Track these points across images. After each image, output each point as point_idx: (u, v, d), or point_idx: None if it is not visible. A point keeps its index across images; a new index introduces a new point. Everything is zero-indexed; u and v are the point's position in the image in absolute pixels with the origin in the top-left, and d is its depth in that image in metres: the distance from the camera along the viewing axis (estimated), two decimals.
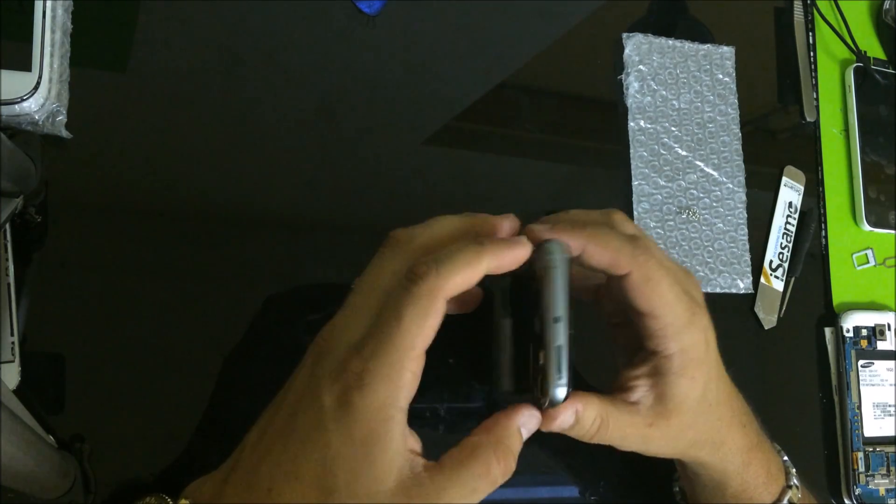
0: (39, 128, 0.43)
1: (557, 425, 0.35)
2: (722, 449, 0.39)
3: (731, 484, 0.41)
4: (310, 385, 0.30)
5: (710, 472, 0.41)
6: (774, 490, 0.42)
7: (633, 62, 0.58)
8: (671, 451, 0.38)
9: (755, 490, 0.41)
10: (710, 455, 0.39)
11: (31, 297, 0.43)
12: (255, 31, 0.50)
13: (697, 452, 0.39)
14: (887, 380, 0.58)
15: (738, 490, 0.41)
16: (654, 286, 0.34)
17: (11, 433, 0.32)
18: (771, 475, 0.42)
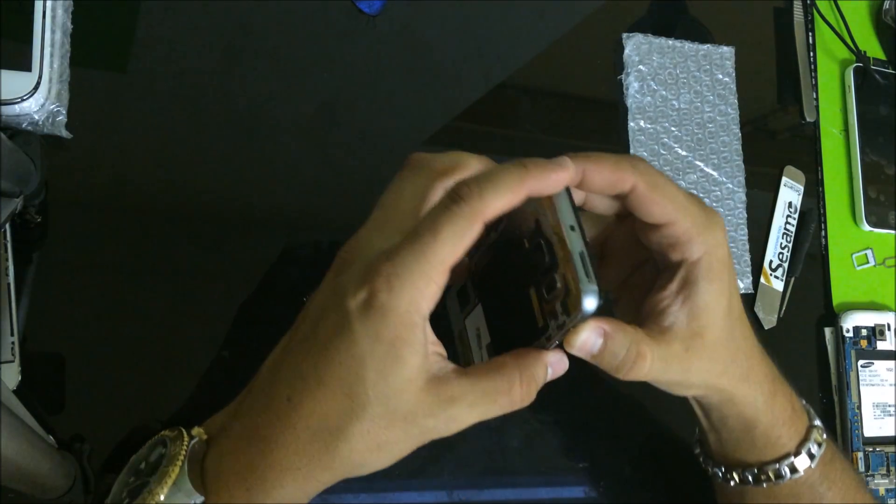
0: (39, 128, 0.43)
1: (582, 343, 0.32)
2: (750, 377, 0.39)
3: (760, 420, 0.40)
4: (335, 292, 0.29)
5: (740, 408, 0.40)
6: (801, 428, 0.41)
7: (633, 62, 0.58)
8: (708, 378, 0.37)
9: (783, 427, 0.41)
10: (740, 385, 0.38)
11: (31, 297, 0.43)
12: (255, 31, 0.50)
13: (730, 382, 0.38)
14: (887, 380, 0.58)
15: (767, 427, 0.40)
16: (663, 190, 0.33)
17: (11, 433, 0.32)
18: (795, 411, 0.41)
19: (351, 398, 0.28)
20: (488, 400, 0.31)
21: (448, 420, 0.31)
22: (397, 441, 0.30)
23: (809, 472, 0.41)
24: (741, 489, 0.43)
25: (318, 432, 0.29)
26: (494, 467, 0.49)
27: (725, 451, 0.43)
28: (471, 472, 0.49)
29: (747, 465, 0.42)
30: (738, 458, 0.42)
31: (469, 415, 0.31)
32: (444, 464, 0.48)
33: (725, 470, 0.43)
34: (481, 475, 0.49)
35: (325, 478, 0.30)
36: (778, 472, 0.41)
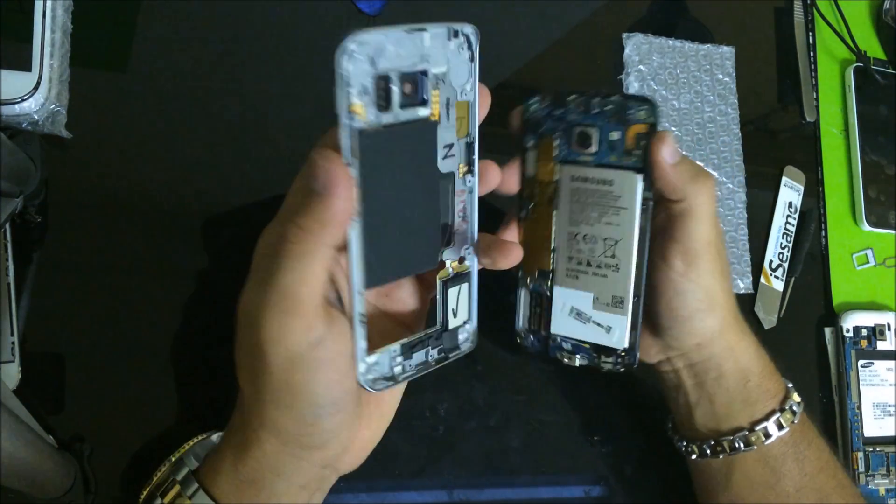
0: (39, 128, 0.43)
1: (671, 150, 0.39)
2: (740, 322, 0.43)
3: (753, 371, 0.43)
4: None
5: (737, 355, 0.43)
6: (782, 384, 0.45)
7: (633, 62, 0.58)
8: (726, 302, 0.42)
9: (770, 379, 0.44)
10: (736, 326, 0.43)
11: (31, 297, 0.43)
12: (255, 31, 0.50)
13: (728, 334, 0.42)
14: (887, 380, 0.58)
15: (759, 378, 0.43)
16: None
17: (11, 433, 0.32)
18: (775, 368, 0.45)
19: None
20: None
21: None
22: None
23: (793, 428, 0.43)
24: (730, 461, 0.44)
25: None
26: (494, 467, 0.49)
27: (718, 420, 0.44)
28: (471, 472, 0.49)
29: (736, 429, 0.43)
30: (730, 423, 0.43)
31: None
32: (444, 464, 0.48)
33: (715, 442, 0.44)
34: (481, 475, 0.49)
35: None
36: (766, 431, 0.43)
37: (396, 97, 0.32)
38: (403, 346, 0.35)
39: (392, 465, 0.47)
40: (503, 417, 0.50)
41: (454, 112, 0.34)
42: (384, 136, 0.32)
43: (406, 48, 0.32)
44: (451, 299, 0.36)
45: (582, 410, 0.51)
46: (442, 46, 0.33)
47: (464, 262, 0.37)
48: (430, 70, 0.33)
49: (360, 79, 0.30)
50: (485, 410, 0.50)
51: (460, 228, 0.36)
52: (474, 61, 0.35)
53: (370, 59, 0.31)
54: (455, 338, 0.37)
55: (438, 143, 0.34)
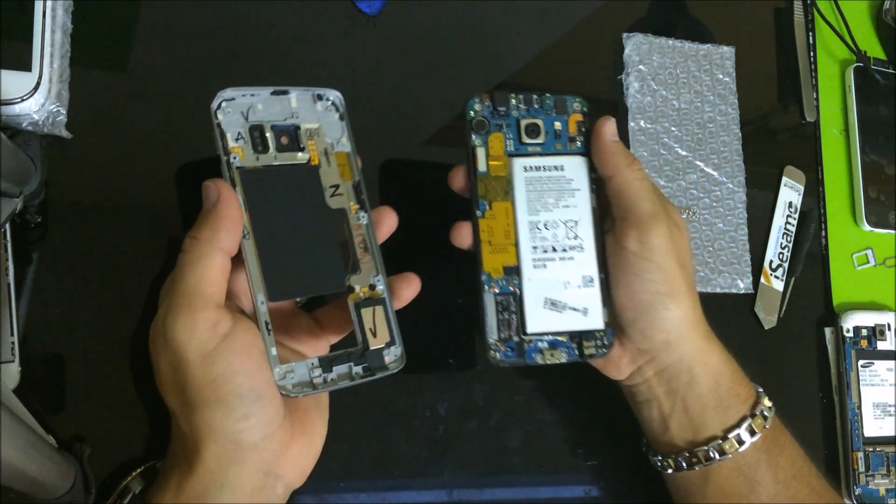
0: (39, 128, 0.43)
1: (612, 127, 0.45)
2: (705, 322, 0.44)
3: (724, 373, 0.44)
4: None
5: (708, 356, 0.43)
6: (751, 390, 0.45)
7: (633, 62, 0.58)
8: (689, 295, 0.42)
9: (741, 384, 0.44)
10: (703, 333, 0.43)
11: (31, 297, 0.43)
12: (255, 31, 0.50)
13: (695, 333, 0.43)
14: (887, 380, 0.58)
15: (730, 381, 0.44)
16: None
17: (11, 433, 0.32)
18: (744, 374, 0.46)
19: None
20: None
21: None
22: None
23: (765, 433, 0.43)
24: (705, 472, 0.44)
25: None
26: (494, 467, 0.49)
27: (696, 429, 0.44)
28: (471, 472, 0.49)
29: (710, 438, 0.43)
30: (705, 432, 0.43)
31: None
32: (444, 464, 0.48)
33: (690, 454, 0.44)
34: (481, 475, 0.49)
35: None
36: (740, 438, 0.43)
37: (272, 143, 0.37)
38: (321, 359, 0.38)
39: (392, 465, 0.47)
40: (503, 417, 0.50)
41: (334, 160, 0.39)
42: (264, 173, 0.37)
43: (274, 107, 0.37)
44: (365, 320, 0.39)
45: (582, 410, 0.51)
46: (310, 107, 0.38)
47: (374, 288, 0.39)
48: (302, 125, 0.38)
49: (235, 128, 0.35)
50: (485, 410, 0.50)
51: (364, 259, 0.39)
52: (344, 120, 0.39)
53: (242, 114, 0.35)
54: (380, 357, 0.39)
55: (323, 184, 0.38)
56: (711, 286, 0.57)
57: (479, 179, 0.43)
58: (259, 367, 0.35)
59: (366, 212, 0.39)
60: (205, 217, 0.36)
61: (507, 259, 0.42)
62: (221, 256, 0.35)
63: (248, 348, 0.35)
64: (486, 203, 0.43)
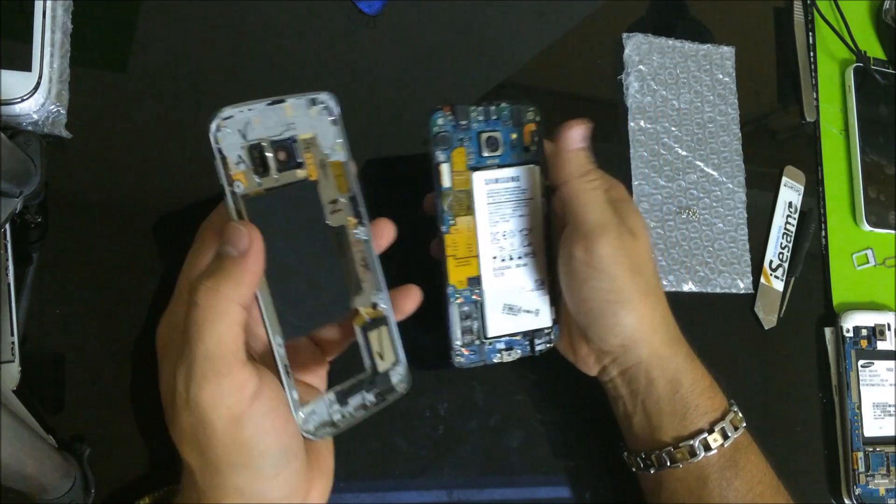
0: (39, 128, 0.43)
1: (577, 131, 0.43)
2: (669, 328, 0.44)
3: (682, 382, 0.43)
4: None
5: (665, 362, 0.43)
6: (718, 406, 0.44)
7: (633, 62, 0.58)
8: (642, 301, 0.42)
9: (701, 396, 0.44)
10: (664, 339, 0.43)
11: (31, 297, 0.43)
12: (255, 31, 0.50)
13: (653, 338, 0.43)
14: (887, 380, 0.58)
15: (688, 390, 0.43)
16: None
17: (11, 433, 0.32)
18: (713, 387, 0.45)
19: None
20: None
21: None
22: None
23: (721, 451, 0.43)
24: (658, 477, 0.44)
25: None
26: (494, 467, 0.49)
27: (652, 431, 0.44)
28: (471, 472, 0.49)
29: (664, 444, 0.44)
30: (660, 437, 0.44)
31: None
32: (444, 464, 0.48)
33: (646, 455, 0.45)
34: (481, 475, 0.49)
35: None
36: (692, 450, 0.43)
37: (272, 163, 0.35)
38: (337, 393, 0.37)
39: (392, 465, 0.47)
40: (503, 417, 0.50)
41: (330, 171, 0.37)
42: (268, 199, 0.35)
43: (271, 119, 0.35)
44: (373, 343, 0.38)
45: (582, 411, 0.51)
46: (304, 114, 0.36)
47: (377, 307, 0.38)
48: (298, 136, 0.36)
49: (234, 151, 0.33)
50: (485, 410, 0.50)
51: (365, 276, 0.38)
52: (338, 125, 0.37)
53: (240, 133, 0.34)
54: (388, 380, 0.39)
55: (322, 200, 0.37)
56: (711, 286, 0.57)
57: (443, 195, 0.43)
58: (286, 422, 0.33)
59: (364, 226, 0.38)
60: (225, 266, 0.32)
61: (470, 271, 0.44)
62: (240, 312, 0.32)
63: (276, 406, 0.33)
64: (451, 218, 0.44)
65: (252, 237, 0.32)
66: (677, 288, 0.56)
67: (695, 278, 0.56)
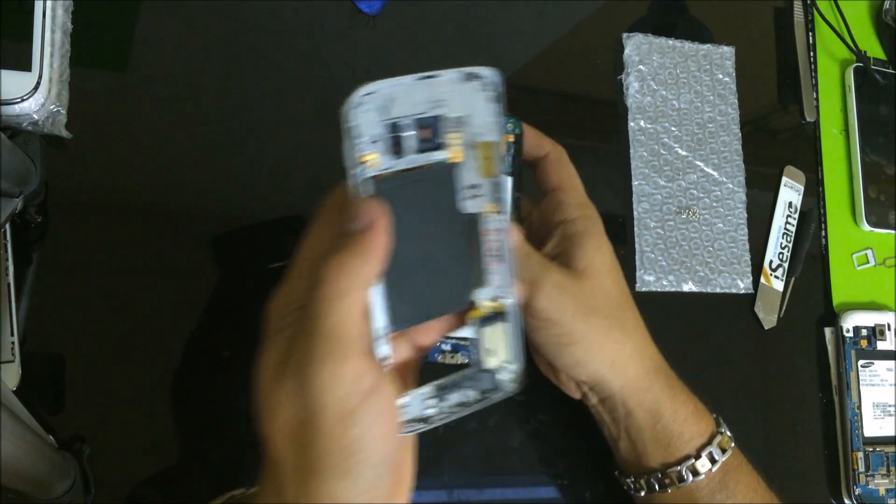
0: (39, 128, 0.43)
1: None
2: (644, 359, 0.43)
3: (662, 413, 0.43)
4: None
5: (641, 395, 0.43)
6: (704, 430, 0.44)
7: (633, 62, 0.58)
8: (599, 337, 0.41)
9: (685, 423, 0.43)
10: (635, 363, 0.43)
11: (31, 297, 0.43)
12: (254, 31, 0.50)
13: (626, 371, 0.42)
14: (887, 380, 0.58)
15: (669, 420, 0.43)
16: (564, 165, 0.44)
17: (11, 433, 0.32)
18: (699, 412, 0.44)
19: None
20: None
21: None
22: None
23: (710, 476, 0.43)
24: (650, 498, 0.44)
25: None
26: (494, 467, 0.49)
27: (638, 456, 0.44)
28: (471, 472, 0.49)
29: (652, 470, 0.44)
30: (647, 463, 0.44)
31: None
32: (444, 464, 0.48)
33: (635, 478, 0.45)
34: (481, 475, 0.49)
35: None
36: (680, 475, 0.43)
37: (411, 142, 0.32)
38: (436, 387, 0.34)
39: None
40: (503, 417, 0.50)
41: (477, 153, 0.34)
42: (398, 181, 0.32)
43: (418, 96, 0.32)
44: (486, 339, 0.35)
45: (582, 410, 0.51)
46: (458, 90, 0.33)
47: (500, 301, 0.35)
48: (447, 114, 0.33)
49: (370, 129, 0.31)
50: (485, 410, 0.50)
51: (493, 268, 0.35)
52: (496, 102, 0.34)
53: (379, 109, 0.31)
54: (494, 378, 0.36)
55: (460, 184, 0.33)
56: (711, 286, 0.57)
57: None
58: (392, 431, 0.31)
59: (504, 213, 0.34)
60: (351, 242, 0.30)
61: None
62: (365, 292, 0.30)
63: (388, 409, 0.30)
64: None
65: (377, 212, 0.30)
66: (677, 288, 0.56)
67: (695, 278, 0.56)
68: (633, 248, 0.55)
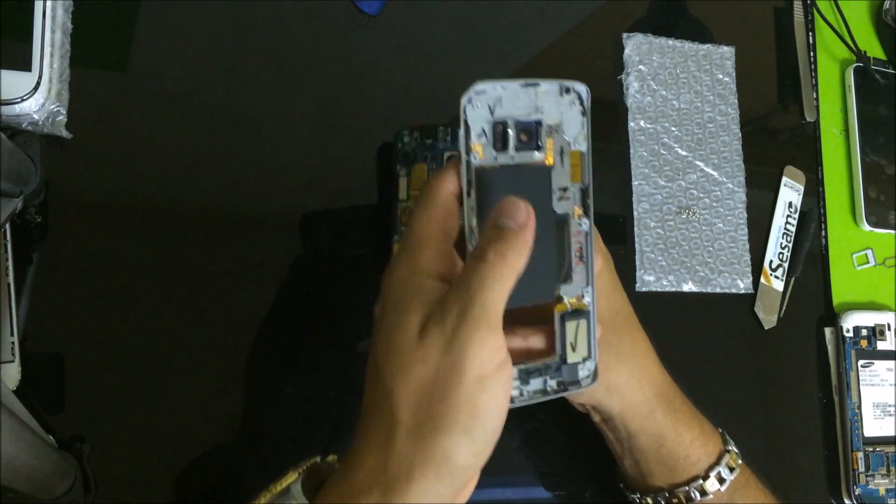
0: (39, 128, 0.43)
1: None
2: (644, 386, 0.42)
3: (665, 437, 0.43)
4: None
5: (642, 420, 0.42)
6: (712, 451, 0.44)
7: (633, 62, 0.58)
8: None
9: (690, 447, 0.43)
10: (634, 389, 0.42)
11: (31, 297, 0.43)
12: (255, 31, 0.50)
13: (625, 396, 0.42)
14: (887, 380, 0.58)
15: (673, 445, 0.43)
16: None
17: (11, 433, 0.32)
18: (705, 433, 0.44)
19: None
20: None
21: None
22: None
23: (719, 495, 0.43)
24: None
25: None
26: (494, 467, 0.49)
27: (643, 476, 0.44)
28: None
29: (659, 489, 0.43)
30: (653, 482, 0.44)
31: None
32: None
33: (642, 495, 0.45)
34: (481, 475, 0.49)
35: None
36: (688, 495, 0.43)
37: (512, 141, 0.35)
38: (521, 371, 0.37)
39: None
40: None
41: (568, 160, 0.37)
42: (499, 173, 0.35)
43: (521, 100, 0.35)
44: (568, 333, 0.37)
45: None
46: (555, 101, 0.36)
47: (582, 299, 0.38)
48: (544, 121, 0.36)
49: (479, 123, 0.34)
50: None
51: (578, 267, 0.38)
52: (586, 115, 0.37)
53: (489, 107, 0.34)
54: (575, 372, 0.38)
55: (553, 186, 0.36)
56: (711, 286, 0.57)
57: (399, 206, 0.45)
58: (507, 403, 0.33)
59: (589, 218, 0.38)
60: (509, 238, 0.33)
61: None
62: (513, 283, 0.33)
63: (509, 383, 0.33)
64: (403, 228, 0.45)
65: (529, 212, 0.34)
66: (677, 288, 0.56)
67: (695, 278, 0.56)
68: (633, 249, 0.55)
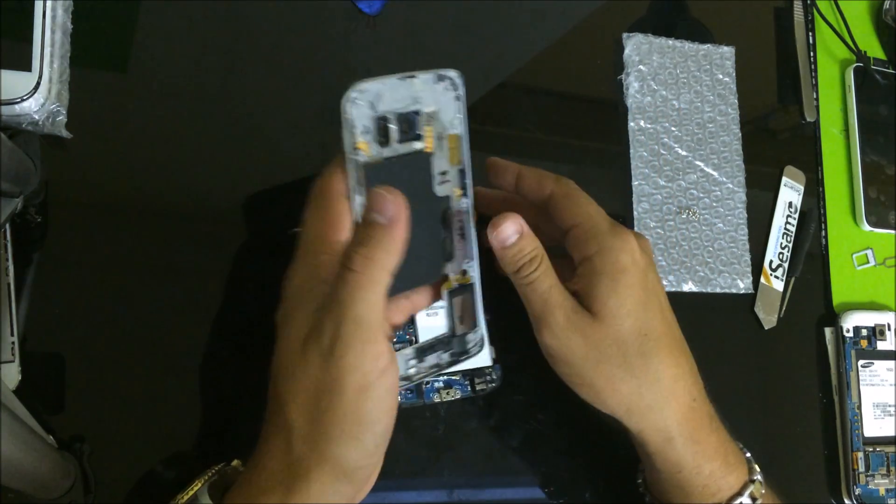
0: (39, 128, 0.43)
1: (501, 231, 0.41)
2: (666, 414, 0.41)
3: (683, 465, 0.41)
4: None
5: (657, 445, 0.41)
6: (734, 482, 0.42)
7: (633, 62, 0.58)
8: (611, 377, 0.41)
9: (710, 477, 0.41)
10: (656, 420, 0.41)
11: (31, 297, 0.43)
12: (255, 31, 0.50)
13: (642, 420, 0.41)
14: (887, 380, 0.58)
15: (690, 474, 0.41)
16: (573, 200, 0.41)
17: (11, 433, 0.32)
18: (729, 464, 0.42)
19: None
20: None
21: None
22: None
23: None
24: None
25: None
26: (494, 467, 0.49)
27: (660, 493, 0.44)
28: (471, 472, 0.49)
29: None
30: (669, 499, 0.43)
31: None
32: (444, 464, 0.48)
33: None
34: (481, 475, 0.49)
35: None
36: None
37: (394, 134, 0.36)
38: (416, 349, 0.38)
39: (392, 465, 0.47)
40: (503, 417, 0.50)
41: (446, 143, 0.38)
42: (386, 167, 0.36)
43: (400, 93, 0.36)
44: (455, 308, 0.40)
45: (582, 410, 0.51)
46: (431, 90, 0.38)
47: (465, 274, 0.40)
48: (422, 109, 0.37)
49: (362, 121, 0.35)
50: (485, 410, 0.50)
51: (459, 244, 0.39)
52: (460, 100, 0.39)
53: (370, 104, 0.35)
54: (464, 343, 0.40)
55: (434, 171, 0.38)
56: (711, 286, 0.57)
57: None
58: (394, 405, 0.34)
59: (468, 197, 0.39)
60: (375, 234, 0.33)
61: None
62: (388, 280, 0.33)
63: (395, 387, 0.34)
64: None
65: (399, 204, 0.34)
66: (677, 288, 0.56)
67: (695, 278, 0.56)
68: None
